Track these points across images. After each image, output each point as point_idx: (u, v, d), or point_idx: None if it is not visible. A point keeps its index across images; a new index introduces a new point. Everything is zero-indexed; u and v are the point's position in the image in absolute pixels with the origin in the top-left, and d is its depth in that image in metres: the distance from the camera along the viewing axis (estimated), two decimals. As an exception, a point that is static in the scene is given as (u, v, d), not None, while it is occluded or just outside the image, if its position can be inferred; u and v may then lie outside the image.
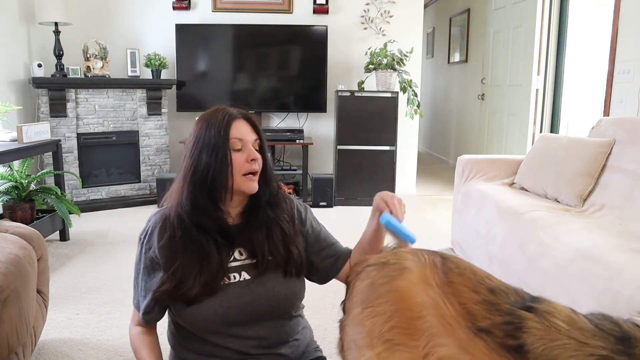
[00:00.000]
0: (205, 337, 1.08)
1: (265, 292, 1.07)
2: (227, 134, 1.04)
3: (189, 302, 1.04)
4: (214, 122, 1.06)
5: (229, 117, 1.07)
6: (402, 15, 4.39)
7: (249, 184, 1.06)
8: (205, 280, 1.03)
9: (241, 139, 1.06)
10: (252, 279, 1.08)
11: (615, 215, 2.04)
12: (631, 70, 2.82)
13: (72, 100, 3.73)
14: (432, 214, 3.91)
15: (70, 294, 2.33)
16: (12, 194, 2.88)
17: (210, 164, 1.03)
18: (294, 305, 1.14)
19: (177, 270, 1.03)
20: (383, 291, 0.82)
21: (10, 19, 3.56)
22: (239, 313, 1.06)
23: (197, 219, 1.04)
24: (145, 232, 1.11)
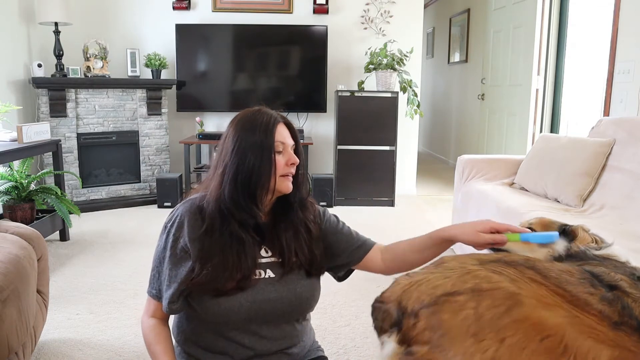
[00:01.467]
0: (223, 331, 1.10)
1: (288, 292, 1.11)
2: (272, 136, 1.10)
3: (219, 294, 1.06)
4: (260, 125, 1.12)
5: (274, 120, 1.13)
6: (402, 15, 4.39)
7: (286, 184, 1.11)
8: (242, 274, 1.07)
9: (283, 142, 1.12)
10: (276, 278, 1.12)
11: (615, 215, 2.04)
12: (631, 70, 2.82)
13: (72, 100, 3.73)
14: (432, 214, 3.91)
15: (70, 294, 2.33)
16: (12, 194, 2.88)
17: (255, 164, 1.08)
18: (311, 307, 1.18)
19: (215, 263, 1.06)
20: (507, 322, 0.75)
21: (10, 19, 3.56)
22: (261, 309, 1.09)
23: (238, 215, 1.09)
24: (172, 221, 1.12)
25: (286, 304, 1.11)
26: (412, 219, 3.75)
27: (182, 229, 1.10)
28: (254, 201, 1.09)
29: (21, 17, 3.70)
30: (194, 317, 1.12)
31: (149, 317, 1.16)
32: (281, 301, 1.10)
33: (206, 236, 1.08)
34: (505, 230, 1.05)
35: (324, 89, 4.22)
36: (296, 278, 1.13)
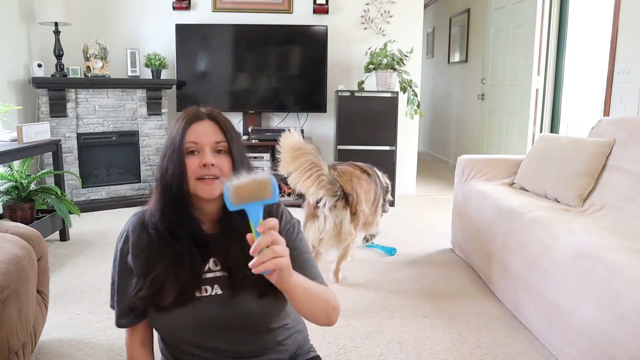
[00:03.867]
0: (182, 346, 1.07)
1: (236, 311, 1.02)
2: (182, 137, 1.00)
3: (160, 309, 1.02)
4: (175, 125, 1.04)
5: (188, 119, 1.03)
6: (402, 15, 4.39)
7: (203, 187, 0.99)
8: (180, 288, 1.00)
9: (196, 142, 1.00)
10: (224, 295, 1.02)
11: (615, 215, 2.04)
12: (631, 70, 2.82)
13: (72, 100, 3.73)
14: (432, 214, 3.91)
15: (70, 294, 2.33)
16: (12, 194, 2.88)
17: (169, 168, 1.00)
18: (271, 323, 1.08)
19: (154, 278, 1.01)
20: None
21: (10, 19, 3.56)
22: (209, 327, 1.03)
23: (168, 226, 1.02)
24: (120, 235, 1.09)
25: (236, 322, 1.03)
26: (412, 219, 3.75)
27: (127, 244, 1.06)
28: (182, 210, 1.01)
29: (21, 17, 3.70)
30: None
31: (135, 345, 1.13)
32: (229, 319, 1.02)
33: (146, 251, 1.04)
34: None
35: (324, 89, 4.22)
36: (247, 294, 1.01)
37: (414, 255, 2.94)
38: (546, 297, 1.82)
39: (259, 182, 0.82)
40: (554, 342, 1.78)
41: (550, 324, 1.79)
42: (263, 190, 0.82)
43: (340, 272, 2.50)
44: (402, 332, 1.99)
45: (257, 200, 0.82)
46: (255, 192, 0.82)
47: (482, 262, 2.49)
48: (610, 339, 1.44)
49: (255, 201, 0.82)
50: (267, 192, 0.82)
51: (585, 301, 1.58)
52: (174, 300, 1.00)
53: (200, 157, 1.00)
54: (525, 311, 2.02)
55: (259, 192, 0.82)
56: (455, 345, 1.89)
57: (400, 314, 2.15)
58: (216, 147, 1.02)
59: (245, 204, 0.82)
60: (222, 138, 1.02)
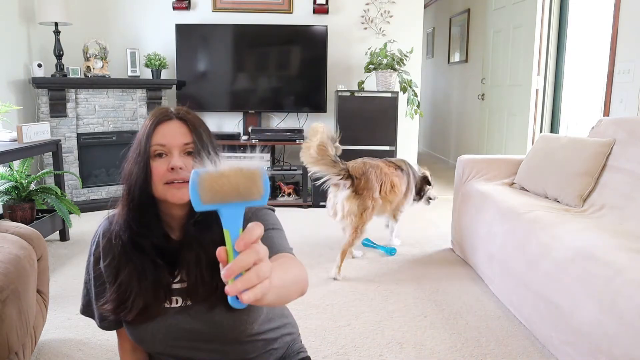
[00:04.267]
0: (155, 355, 1.04)
1: (203, 323, 0.96)
2: (148, 138, 0.93)
3: (127, 322, 0.99)
4: (142, 126, 0.97)
5: (155, 120, 0.96)
6: (402, 15, 4.39)
7: (172, 192, 0.91)
8: (143, 304, 0.95)
9: (163, 145, 0.93)
10: (187, 306, 0.97)
11: (616, 215, 2.04)
12: (631, 70, 2.82)
13: (72, 100, 3.73)
14: (432, 214, 3.91)
15: (70, 294, 2.33)
16: (12, 194, 2.88)
17: (133, 172, 0.93)
18: (248, 330, 1.00)
19: (116, 291, 0.96)
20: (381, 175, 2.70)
21: (10, 19, 3.56)
22: (182, 338, 0.98)
23: (131, 236, 0.95)
24: (93, 239, 1.04)
25: (206, 334, 0.97)
26: (412, 219, 3.74)
27: (98, 249, 1.01)
28: (146, 218, 0.94)
29: (21, 17, 3.70)
30: None
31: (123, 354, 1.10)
32: (199, 331, 0.97)
33: (111, 262, 0.97)
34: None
35: (324, 89, 4.22)
36: (217, 307, 0.95)
37: (414, 255, 2.94)
38: (546, 297, 1.82)
39: (244, 173, 0.58)
40: (553, 342, 1.78)
41: (550, 323, 1.79)
42: (250, 185, 0.58)
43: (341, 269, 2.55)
44: (402, 332, 1.99)
45: (239, 201, 0.58)
46: (238, 187, 0.58)
47: (482, 262, 2.49)
48: (610, 339, 1.44)
49: (236, 201, 0.58)
50: (254, 189, 0.58)
51: (585, 301, 1.58)
52: (137, 316, 0.95)
53: (168, 159, 0.93)
54: (525, 311, 2.02)
55: (244, 189, 0.58)
56: (455, 345, 1.89)
57: (400, 314, 2.15)
58: (185, 148, 0.94)
59: (221, 204, 0.58)
60: (191, 139, 0.95)
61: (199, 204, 0.58)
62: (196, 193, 0.57)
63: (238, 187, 0.58)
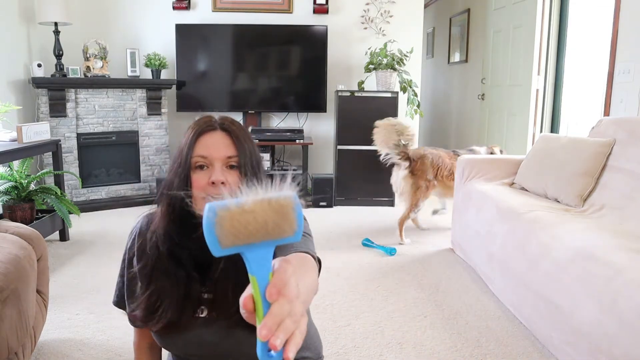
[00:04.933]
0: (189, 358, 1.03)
1: (225, 336, 0.94)
2: (190, 149, 0.90)
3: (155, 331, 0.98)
4: (185, 136, 0.94)
5: (197, 130, 0.92)
6: (402, 15, 4.39)
7: None
8: (172, 317, 0.93)
9: (205, 157, 0.89)
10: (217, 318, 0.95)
11: (616, 215, 2.04)
12: (631, 70, 2.81)
13: (72, 100, 3.73)
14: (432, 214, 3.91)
15: (70, 294, 2.32)
16: (12, 194, 2.88)
17: (174, 183, 0.90)
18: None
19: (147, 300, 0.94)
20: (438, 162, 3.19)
21: (10, 19, 3.56)
22: (199, 348, 0.97)
23: (169, 247, 0.93)
24: (131, 236, 1.02)
25: (225, 349, 0.95)
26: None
27: (133, 248, 0.99)
28: (186, 231, 0.90)
29: (21, 17, 3.69)
30: None
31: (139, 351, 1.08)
32: (218, 345, 0.95)
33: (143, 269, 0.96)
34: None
35: (324, 89, 4.21)
36: (235, 322, 0.90)
37: (414, 255, 2.94)
38: (546, 297, 1.82)
39: (273, 206, 0.46)
40: (554, 342, 1.78)
41: (550, 324, 1.79)
42: (280, 221, 0.47)
43: (403, 235, 3.13)
44: (402, 332, 1.99)
45: (267, 239, 0.47)
46: (266, 224, 0.46)
47: (482, 262, 2.49)
48: (610, 339, 1.44)
49: (263, 240, 0.47)
50: (286, 225, 0.47)
51: (585, 301, 1.58)
52: (163, 328, 0.94)
53: (209, 172, 0.89)
54: (525, 311, 2.02)
55: (273, 226, 0.47)
56: (455, 345, 1.89)
57: (400, 314, 2.15)
58: (228, 162, 0.90)
59: (246, 246, 0.47)
60: (234, 152, 0.90)
61: (217, 248, 0.46)
62: (214, 236, 0.45)
63: (266, 224, 0.46)
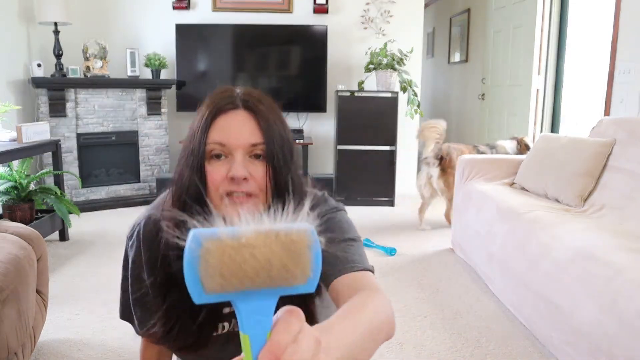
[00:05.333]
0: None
1: None
2: (204, 134, 0.71)
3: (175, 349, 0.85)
4: (198, 115, 0.75)
5: (214, 109, 0.73)
6: (402, 15, 4.39)
7: (231, 209, 0.69)
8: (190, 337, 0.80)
9: (223, 144, 0.70)
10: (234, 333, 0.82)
11: (616, 215, 2.03)
12: (632, 70, 2.81)
13: (71, 100, 3.73)
14: (432, 214, 3.90)
15: (70, 294, 2.32)
16: (11, 194, 2.88)
17: (184, 174, 0.73)
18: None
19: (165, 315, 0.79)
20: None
21: (9, 18, 3.56)
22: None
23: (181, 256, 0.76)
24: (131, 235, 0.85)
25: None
26: (412, 219, 3.74)
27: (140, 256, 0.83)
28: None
29: (21, 16, 3.69)
30: None
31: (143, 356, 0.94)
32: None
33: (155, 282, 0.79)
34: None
35: (324, 89, 4.21)
36: None
37: (414, 255, 2.93)
38: (546, 297, 1.82)
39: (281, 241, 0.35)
40: (554, 342, 1.78)
41: (551, 324, 1.79)
42: (289, 262, 0.35)
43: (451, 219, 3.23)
44: (403, 332, 1.99)
45: (269, 287, 0.35)
46: (270, 266, 0.35)
47: (483, 262, 2.49)
48: (610, 339, 1.44)
49: (263, 287, 0.35)
50: (296, 269, 0.35)
51: (585, 301, 1.58)
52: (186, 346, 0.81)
53: (227, 163, 0.70)
54: (525, 311, 2.01)
55: (279, 269, 0.35)
56: (455, 345, 1.89)
57: (400, 314, 2.14)
58: (252, 150, 0.72)
59: (238, 294, 0.35)
60: (260, 139, 0.71)
61: (199, 293, 0.34)
62: (196, 275, 0.33)
63: (270, 265, 0.34)
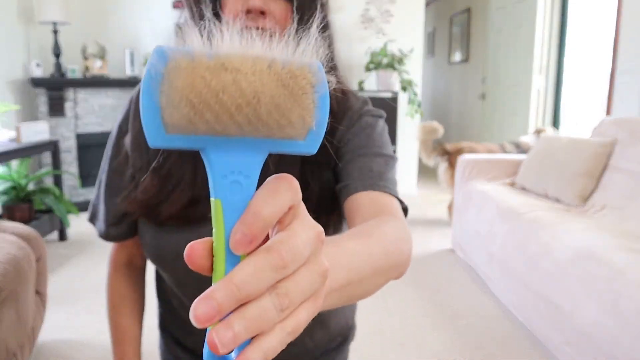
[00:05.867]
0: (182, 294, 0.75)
1: None
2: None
3: (157, 222, 0.69)
4: None
5: None
6: (403, 15, 4.38)
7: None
8: (191, 195, 0.67)
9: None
10: None
11: (616, 215, 2.03)
12: (633, 70, 2.81)
13: (70, 100, 3.72)
14: (432, 214, 3.90)
15: (70, 294, 2.32)
16: (10, 194, 2.87)
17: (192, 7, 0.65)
18: None
19: (158, 176, 0.68)
20: None
21: (8, 18, 3.55)
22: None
23: None
24: (125, 114, 0.75)
25: None
26: (413, 219, 3.74)
27: (128, 120, 0.73)
28: None
29: (20, 16, 3.68)
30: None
31: (116, 271, 0.80)
32: None
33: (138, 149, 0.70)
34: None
35: (323, 89, 4.20)
36: None
37: (414, 255, 2.92)
38: (547, 297, 1.81)
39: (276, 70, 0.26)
40: (554, 342, 1.77)
41: (551, 324, 1.79)
42: (285, 100, 0.26)
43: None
44: (403, 332, 1.98)
45: (254, 133, 0.26)
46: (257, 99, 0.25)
47: (483, 262, 2.48)
48: (611, 340, 1.43)
49: (245, 133, 0.26)
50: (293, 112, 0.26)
51: (586, 301, 1.58)
52: (177, 212, 0.67)
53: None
54: (525, 311, 2.01)
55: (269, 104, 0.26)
56: (455, 345, 1.88)
57: (401, 314, 2.14)
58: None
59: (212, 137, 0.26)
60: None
61: (156, 131, 0.25)
62: (154, 104, 0.25)
63: (257, 102, 0.26)
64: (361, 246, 0.45)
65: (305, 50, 0.27)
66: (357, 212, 0.62)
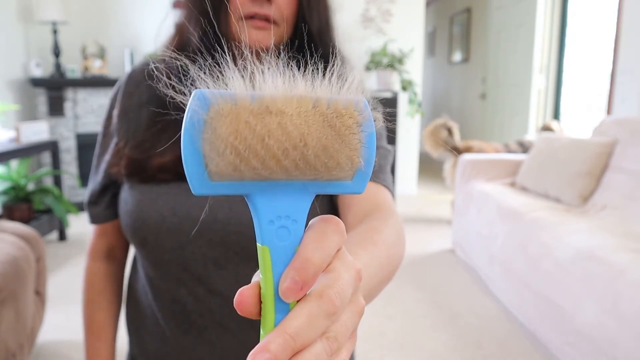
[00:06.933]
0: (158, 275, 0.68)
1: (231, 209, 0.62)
2: None
3: (145, 178, 0.64)
4: None
5: None
6: (403, 15, 4.38)
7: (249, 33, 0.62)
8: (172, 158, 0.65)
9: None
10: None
11: (617, 215, 2.03)
12: (634, 70, 2.80)
13: (70, 99, 3.71)
14: (432, 214, 3.90)
15: (69, 294, 2.31)
16: (9, 194, 2.87)
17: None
18: None
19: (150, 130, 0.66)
20: None
21: (8, 18, 3.55)
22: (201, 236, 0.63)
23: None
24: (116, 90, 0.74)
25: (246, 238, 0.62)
26: (413, 219, 3.73)
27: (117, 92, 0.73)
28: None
29: (19, 16, 3.68)
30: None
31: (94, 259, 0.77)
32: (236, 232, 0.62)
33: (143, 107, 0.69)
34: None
35: (323, 89, 4.20)
36: None
37: (414, 255, 2.92)
38: (547, 298, 1.81)
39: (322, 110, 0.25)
40: (555, 342, 1.77)
41: (552, 324, 1.78)
42: (333, 142, 0.25)
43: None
44: (403, 333, 1.98)
45: (301, 176, 0.26)
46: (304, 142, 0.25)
47: (483, 263, 2.48)
48: (611, 340, 1.43)
49: (292, 177, 0.26)
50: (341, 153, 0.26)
51: (586, 302, 1.57)
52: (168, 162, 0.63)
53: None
54: (526, 312, 2.01)
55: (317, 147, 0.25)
56: (456, 346, 1.88)
57: (401, 315, 2.13)
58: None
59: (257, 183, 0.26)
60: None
61: (200, 179, 0.25)
62: (197, 153, 0.24)
63: (304, 145, 0.25)
64: (370, 257, 0.44)
65: (350, 87, 0.26)
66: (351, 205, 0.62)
